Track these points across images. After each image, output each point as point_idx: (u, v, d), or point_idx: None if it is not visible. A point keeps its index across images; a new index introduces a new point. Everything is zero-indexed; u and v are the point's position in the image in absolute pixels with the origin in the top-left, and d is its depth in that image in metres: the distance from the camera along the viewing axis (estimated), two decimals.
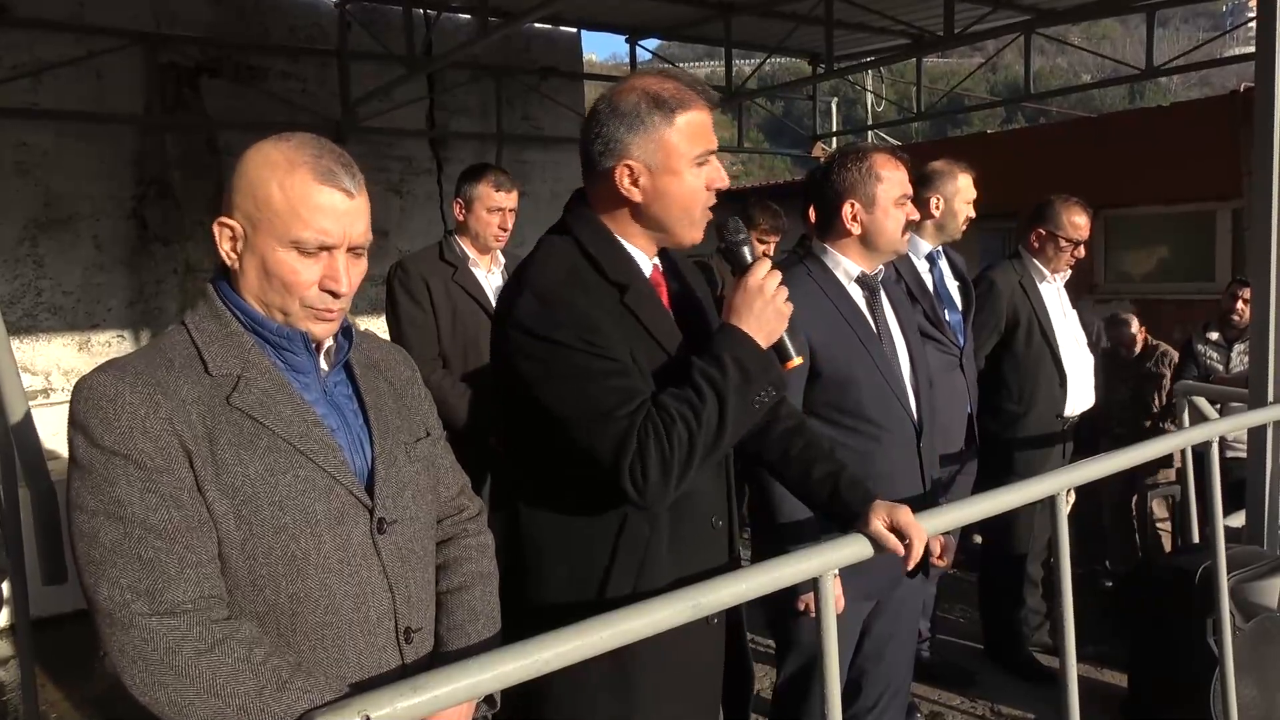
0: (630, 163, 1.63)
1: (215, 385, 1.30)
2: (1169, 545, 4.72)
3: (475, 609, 1.55)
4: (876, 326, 2.37)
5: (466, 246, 3.44)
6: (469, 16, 7.59)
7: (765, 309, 1.64)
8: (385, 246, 7.47)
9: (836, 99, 14.51)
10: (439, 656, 1.48)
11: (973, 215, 3.53)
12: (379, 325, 5.99)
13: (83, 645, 1.25)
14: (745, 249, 1.71)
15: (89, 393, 1.25)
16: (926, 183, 3.39)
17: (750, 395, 1.59)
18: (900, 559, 1.73)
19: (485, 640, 1.53)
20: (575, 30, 8.75)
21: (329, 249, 1.33)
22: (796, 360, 1.70)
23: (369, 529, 1.37)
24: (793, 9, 7.85)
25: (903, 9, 7.99)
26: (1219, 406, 3.64)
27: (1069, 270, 3.81)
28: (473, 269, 3.42)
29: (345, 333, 1.44)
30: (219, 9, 7.02)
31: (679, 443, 1.53)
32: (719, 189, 1.69)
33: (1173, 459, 3.41)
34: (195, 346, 1.32)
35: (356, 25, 7.46)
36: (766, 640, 3.22)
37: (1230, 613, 2.48)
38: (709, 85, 1.75)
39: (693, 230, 1.69)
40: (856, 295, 2.38)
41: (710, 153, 1.67)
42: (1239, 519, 3.15)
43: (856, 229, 2.35)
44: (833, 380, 2.28)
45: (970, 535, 4.57)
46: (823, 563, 1.54)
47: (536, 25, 8.27)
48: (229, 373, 1.31)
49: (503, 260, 3.52)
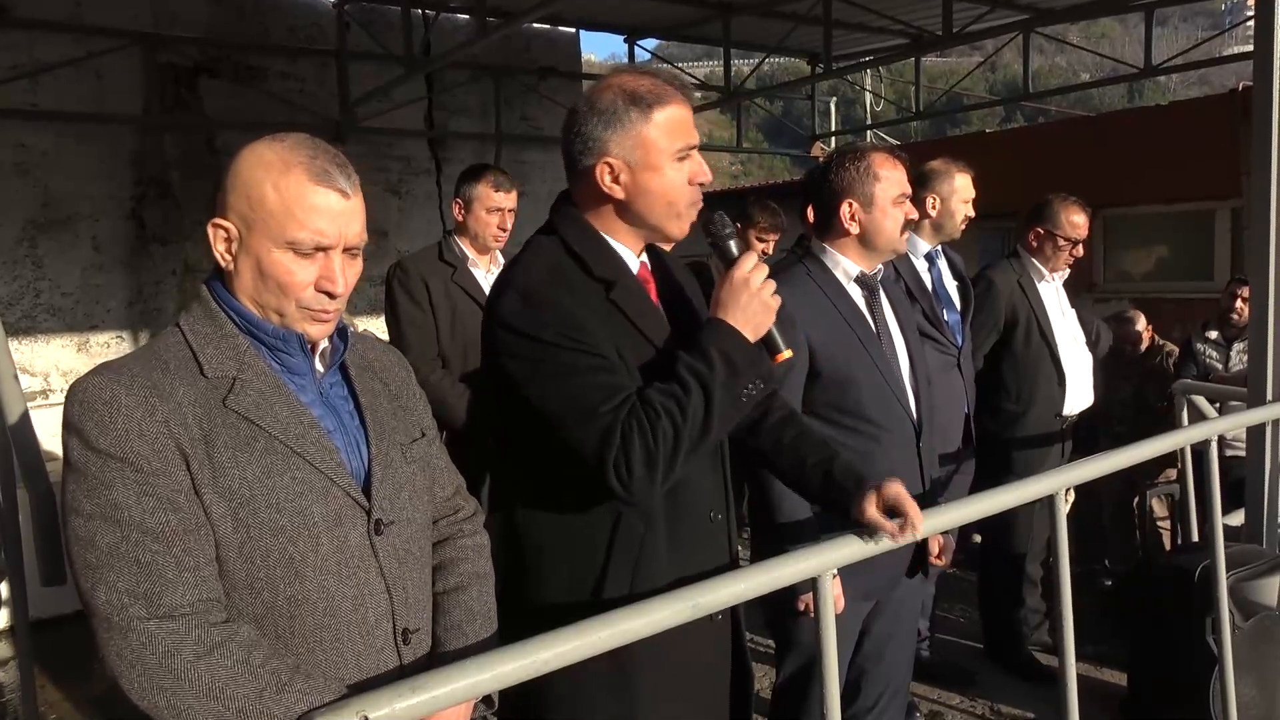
0: (610, 160, 1.63)
1: (211, 387, 1.29)
2: (1169, 544, 4.72)
3: (472, 609, 1.55)
4: (876, 326, 2.37)
5: (466, 247, 3.44)
6: (468, 16, 7.59)
7: (751, 302, 1.63)
8: (384, 247, 7.47)
9: (835, 99, 14.53)
10: (437, 657, 1.47)
11: (972, 215, 3.51)
12: (378, 325, 6.00)
13: (82, 646, 1.24)
14: (731, 242, 1.70)
15: (84, 396, 1.24)
16: (923, 182, 3.39)
17: (737, 388, 1.59)
18: (900, 559, 1.73)
19: (483, 640, 1.53)
20: (574, 30, 8.76)
21: (325, 250, 1.32)
22: (786, 353, 1.69)
23: (366, 530, 1.37)
24: (791, 9, 7.85)
25: (901, 9, 7.99)
26: (1218, 405, 3.64)
27: (1068, 269, 3.81)
28: (472, 269, 3.41)
29: (340, 334, 1.44)
30: (218, 9, 7.01)
31: (664, 437, 1.52)
32: (702, 183, 1.69)
33: (1176, 459, 3.40)
34: (190, 349, 1.31)
35: (355, 25, 7.46)
36: (766, 640, 3.22)
37: (1229, 611, 2.48)
38: (708, 85, 1.74)
39: (678, 224, 1.69)
40: (856, 295, 2.38)
41: (691, 147, 1.66)
42: (1238, 518, 3.15)
43: (855, 228, 2.35)
44: (832, 380, 2.28)
45: (969, 535, 4.57)
46: (822, 562, 1.54)
47: (535, 25, 8.27)
48: (224, 375, 1.30)
49: (502, 260, 3.52)
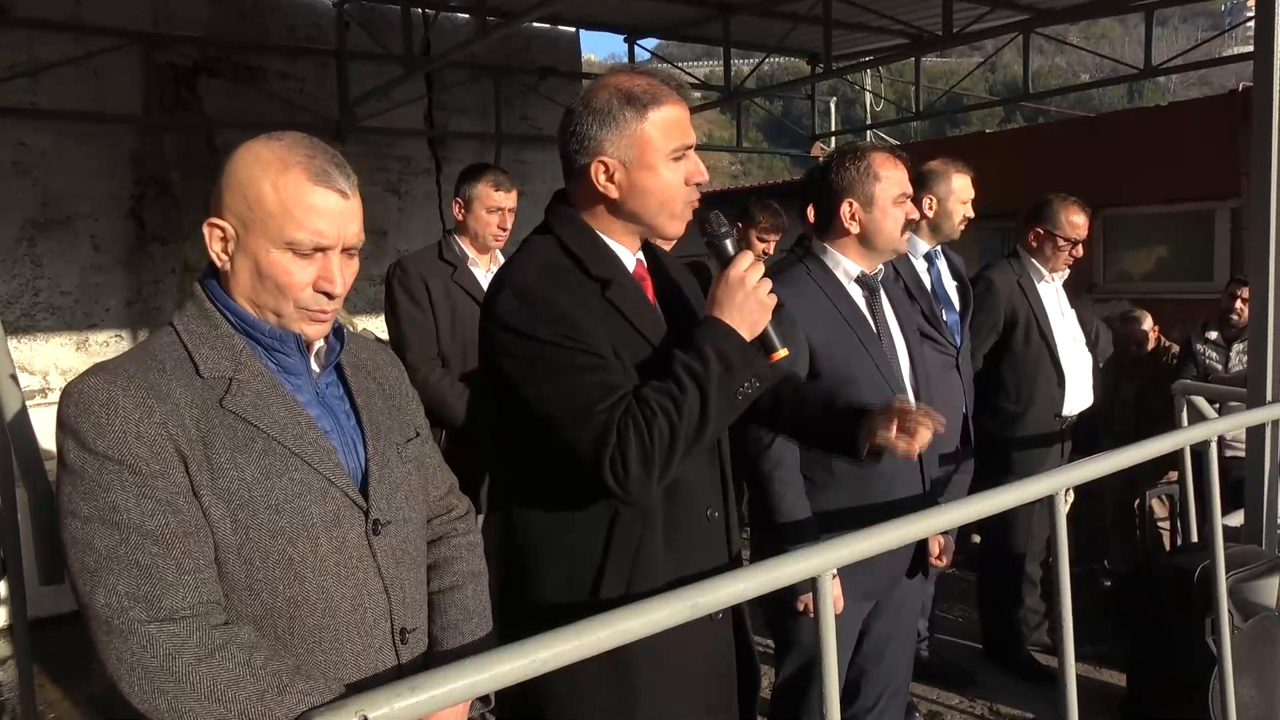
0: (605, 159, 1.63)
1: (207, 388, 1.28)
2: (1169, 545, 4.72)
3: (468, 608, 1.55)
4: (876, 326, 2.37)
5: (466, 246, 3.43)
6: (467, 16, 7.59)
7: (747, 301, 1.63)
8: (384, 246, 7.47)
9: (835, 98, 14.53)
10: (434, 656, 1.47)
11: (971, 215, 3.51)
12: (378, 325, 6.00)
13: (81, 645, 1.23)
14: (727, 241, 1.70)
15: (79, 397, 1.22)
16: (920, 183, 3.38)
17: (733, 387, 1.59)
18: (900, 560, 1.72)
19: (479, 639, 1.53)
20: (574, 30, 8.76)
21: (323, 250, 1.31)
22: (782, 352, 1.69)
23: (364, 531, 1.37)
24: (791, 9, 7.85)
25: (901, 9, 7.99)
26: (1218, 406, 3.64)
27: (1067, 270, 3.81)
28: (472, 269, 3.41)
29: (336, 333, 1.43)
30: (217, 9, 7.01)
31: (660, 435, 1.52)
32: (699, 183, 1.69)
33: (1179, 460, 3.40)
34: (185, 349, 1.30)
35: (355, 25, 7.46)
36: (765, 640, 3.21)
37: (1229, 612, 2.48)
38: (708, 85, 1.74)
39: (673, 224, 1.69)
40: (856, 295, 2.38)
41: (687, 147, 1.66)
42: (1238, 518, 3.15)
43: (855, 228, 2.35)
44: (832, 380, 2.28)
45: (969, 535, 4.57)
46: (821, 562, 1.53)
47: (535, 25, 8.27)
48: (221, 375, 1.29)
49: (501, 260, 3.52)
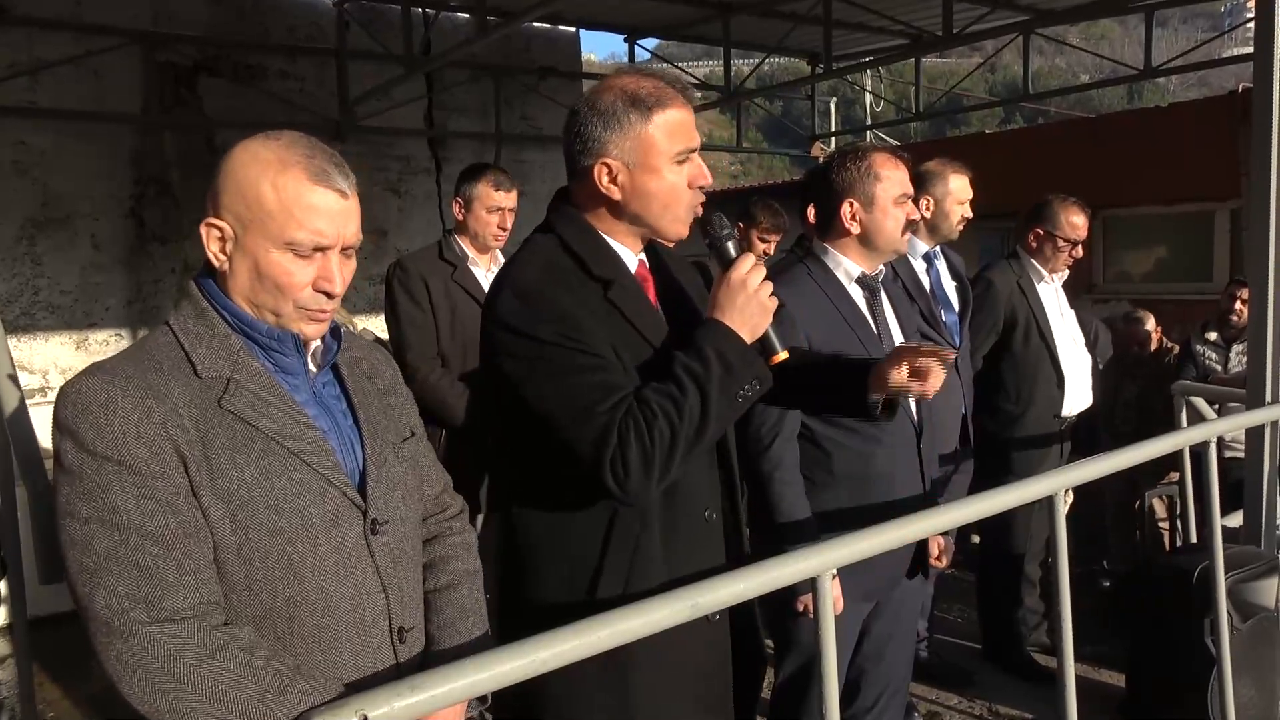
0: (609, 161, 1.63)
1: (205, 388, 1.28)
2: (1169, 545, 4.72)
3: (465, 607, 1.55)
4: (877, 327, 2.37)
5: (466, 246, 3.43)
6: (468, 16, 7.59)
7: (749, 303, 1.62)
8: (384, 246, 7.47)
9: (835, 99, 14.54)
10: (431, 655, 1.48)
11: (969, 216, 3.50)
12: (378, 324, 6.00)
13: (81, 644, 1.23)
14: (729, 244, 1.70)
15: (78, 397, 1.22)
16: (917, 184, 3.37)
17: (733, 389, 1.58)
18: (900, 560, 1.72)
19: (476, 638, 1.53)
20: (574, 30, 8.76)
21: (323, 250, 1.31)
22: (782, 354, 1.69)
23: (362, 530, 1.37)
24: (791, 9, 7.85)
25: (901, 9, 7.99)
26: (1217, 407, 3.64)
27: (1067, 270, 3.81)
28: (472, 268, 3.41)
29: (333, 333, 1.43)
30: (217, 8, 7.01)
31: (660, 437, 1.52)
32: (702, 186, 1.68)
33: (1179, 461, 3.40)
34: (182, 348, 1.30)
35: (355, 24, 7.46)
36: (765, 640, 3.21)
37: (1228, 613, 2.48)
38: (708, 85, 1.74)
39: (675, 226, 1.69)
40: (857, 296, 2.38)
41: (691, 150, 1.66)
42: (1237, 519, 3.15)
43: (855, 228, 2.35)
44: None
45: (968, 535, 4.57)
46: (821, 562, 1.53)
47: (535, 25, 8.27)
48: (218, 375, 1.29)
49: (502, 260, 3.52)
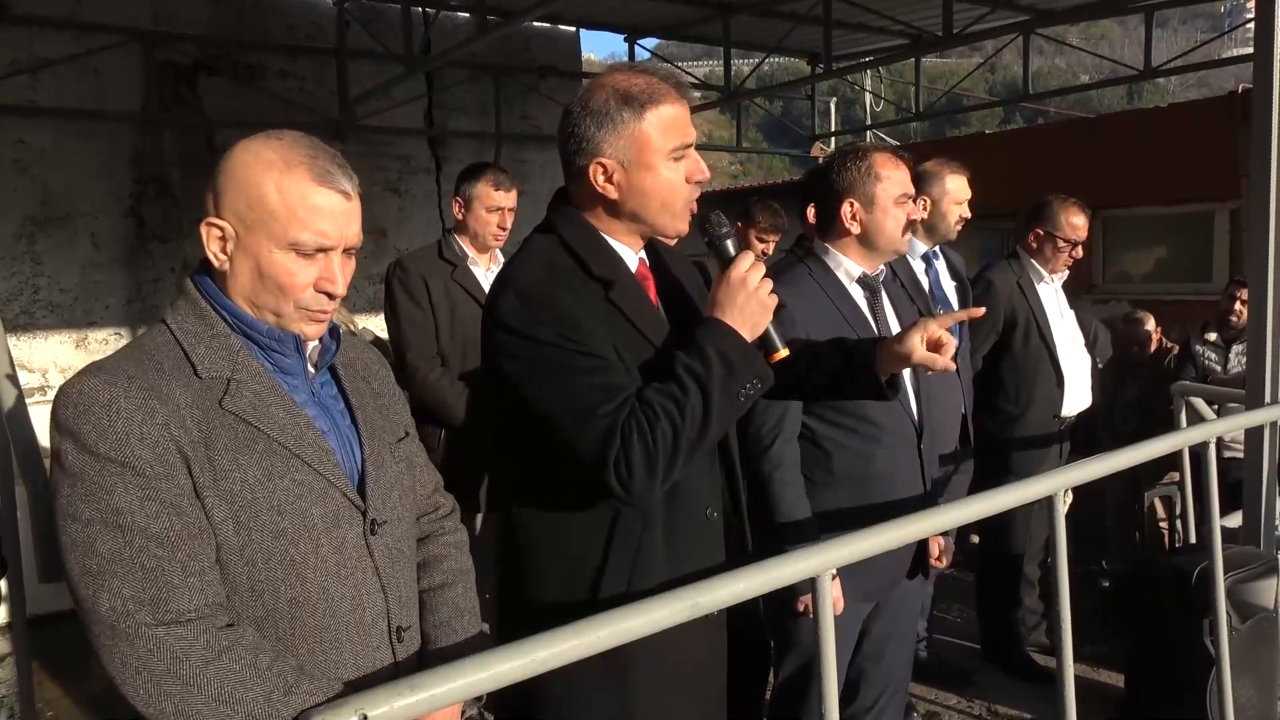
0: (603, 160, 1.62)
1: (206, 388, 1.27)
2: (1168, 545, 4.72)
3: (459, 606, 1.56)
4: (878, 328, 2.37)
5: (465, 245, 3.43)
6: (468, 15, 7.59)
7: (749, 302, 1.62)
8: (384, 245, 7.47)
9: (835, 99, 14.53)
10: (428, 654, 1.48)
11: (967, 216, 3.50)
12: (378, 324, 6.00)
13: (81, 643, 1.23)
14: (728, 242, 1.69)
15: (79, 398, 1.21)
16: (915, 184, 3.38)
17: (735, 388, 1.58)
18: (900, 561, 1.71)
19: (471, 637, 1.54)
20: (574, 29, 8.75)
21: (325, 250, 1.31)
22: (783, 352, 1.69)
23: (362, 531, 1.37)
24: (791, 9, 7.84)
25: (901, 9, 7.98)
26: (1216, 407, 3.64)
27: (1067, 271, 3.81)
28: (472, 268, 3.41)
29: (332, 333, 1.42)
30: (217, 7, 7.01)
31: (663, 438, 1.52)
32: (699, 181, 1.67)
33: (1178, 461, 3.40)
34: (181, 348, 1.29)
35: (355, 24, 7.46)
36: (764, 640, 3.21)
37: (1227, 613, 2.48)
38: (707, 85, 1.73)
39: (675, 222, 1.68)
40: (858, 296, 2.38)
41: (687, 146, 1.65)
42: (1236, 519, 3.15)
43: (856, 228, 2.35)
44: None
45: (967, 535, 4.57)
46: (821, 562, 1.53)
47: (535, 24, 8.26)
48: (218, 375, 1.28)
49: (501, 259, 3.52)
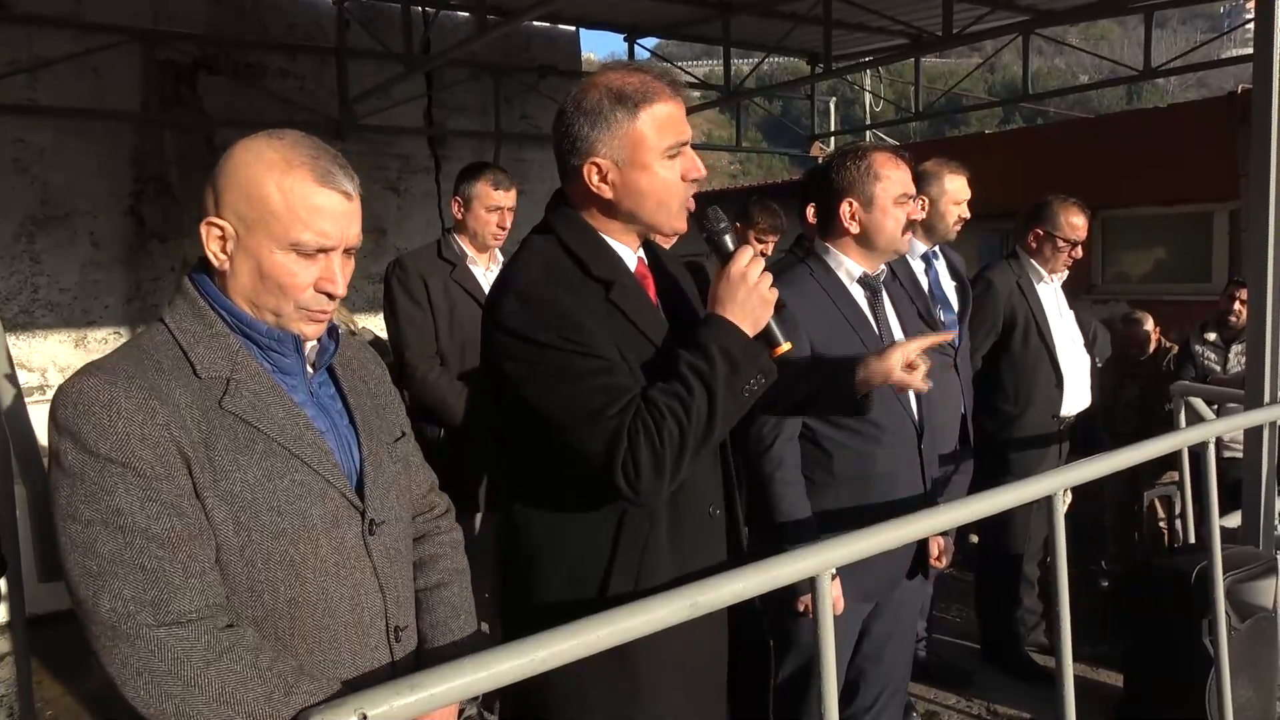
0: (598, 160, 1.61)
1: (205, 388, 1.27)
2: (1167, 545, 4.72)
3: (456, 605, 1.56)
4: (879, 328, 2.37)
5: (465, 245, 3.43)
6: (467, 14, 7.59)
7: (750, 297, 1.61)
8: (383, 245, 7.47)
9: (835, 99, 14.53)
10: (425, 654, 1.48)
11: (966, 216, 3.49)
12: (377, 323, 6.00)
13: (80, 643, 1.23)
14: (727, 237, 1.68)
15: (79, 398, 1.20)
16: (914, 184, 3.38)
17: (739, 385, 1.57)
18: (899, 561, 1.71)
19: (468, 636, 1.54)
20: (574, 29, 8.76)
21: (326, 251, 1.31)
22: (785, 346, 1.67)
23: (361, 531, 1.37)
24: (791, 9, 7.85)
25: (901, 9, 7.99)
26: (1216, 407, 3.64)
27: (1066, 271, 3.81)
28: (471, 267, 3.41)
29: (330, 333, 1.42)
30: (217, 7, 7.01)
31: (670, 438, 1.51)
32: (696, 178, 1.66)
33: (1178, 461, 3.40)
34: (180, 348, 1.28)
35: (355, 23, 7.46)
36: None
37: (1226, 613, 2.48)
38: (707, 84, 1.72)
39: (672, 221, 1.67)
40: (859, 296, 2.38)
41: (682, 144, 1.63)
42: (1236, 519, 3.15)
43: (855, 228, 2.34)
44: None
45: (966, 535, 4.57)
46: (820, 562, 1.53)
47: (535, 24, 8.27)
48: (218, 375, 1.28)
49: (501, 258, 3.51)
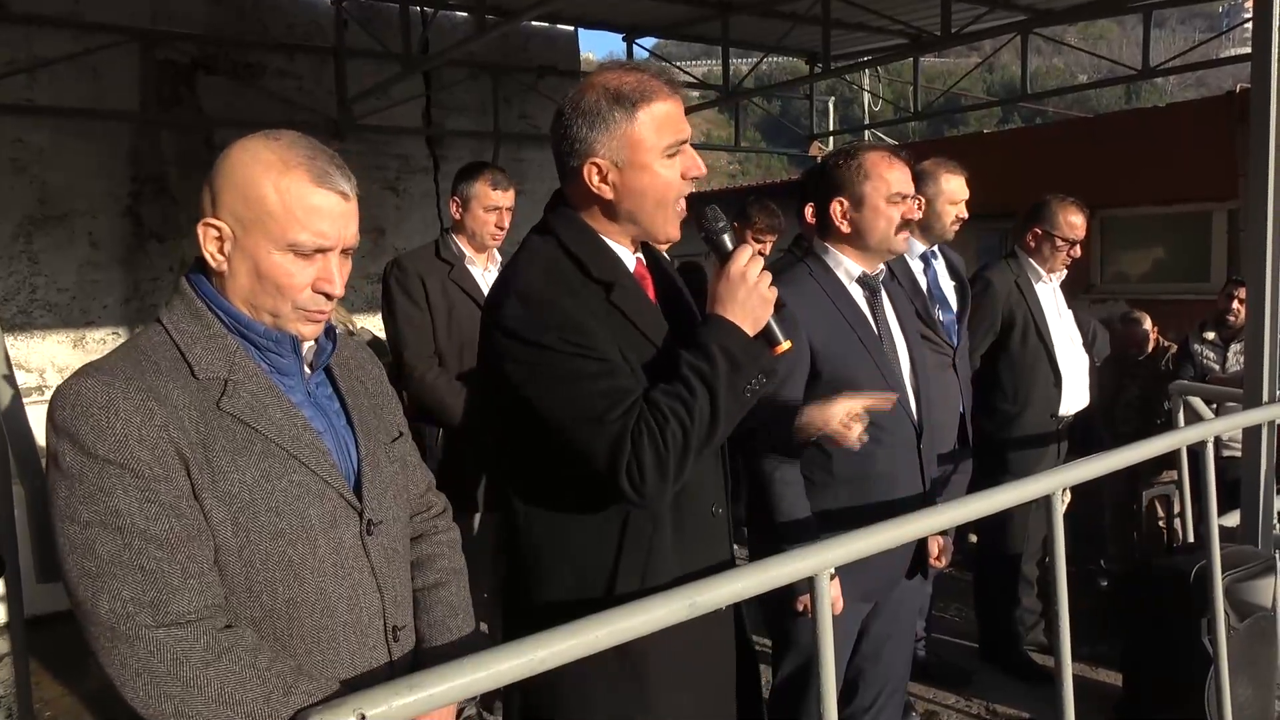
0: (597, 161, 1.60)
1: (203, 389, 1.27)
2: (1166, 545, 4.72)
3: (454, 605, 1.56)
4: (878, 327, 2.37)
5: (463, 245, 3.43)
6: (466, 14, 7.59)
7: (750, 296, 1.60)
8: (382, 245, 7.47)
9: (833, 98, 14.56)
10: (423, 653, 1.48)
11: (964, 216, 3.48)
12: (376, 323, 6.00)
13: (79, 643, 1.24)
14: (725, 236, 1.67)
15: (76, 399, 1.20)
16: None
17: (740, 385, 1.57)
18: (899, 561, 1.70)
19: (465, 635, 1.54)
20: (573, 29, 8.75)
21: (324, 251, 1.31)
22: (785, 345, 1.66)
23: (359, 531, 1.37)
24: (790, 8, 7.84)
25: (900, 9, 7.99)
26: (1214, 406, 3.64)
27: (1065, 270, 3.81)
28: (469, 267, 3.41)
29: (327, 334, 1.42)
30: (216, 7, 7.01)
31: (673, 440, 1.51)
32: (696, 177, 1.65)
33: (1176, 460, 3.41)
34: (178, 348, 1.28)
35: (353, 23, 7.45)
36: (763, 639, 3.21)
37: (1225, 612, 2.48)
38: (706, 84, 1.72)
39: (668, 227, 1.65)
40: (858, 295, 2.38)
41: (682, 143, 1.63)
42: (1235, 518, 3.15)
43: (846, 227, 2.34)
44: (833, 381, 2.26)
45: (965, 535, 4.57)
46: (820, 562, 1.53)
47: (534, 24, 8.26)
48: (215, 376, 1.28)
49: (499, 258, 3.51)
